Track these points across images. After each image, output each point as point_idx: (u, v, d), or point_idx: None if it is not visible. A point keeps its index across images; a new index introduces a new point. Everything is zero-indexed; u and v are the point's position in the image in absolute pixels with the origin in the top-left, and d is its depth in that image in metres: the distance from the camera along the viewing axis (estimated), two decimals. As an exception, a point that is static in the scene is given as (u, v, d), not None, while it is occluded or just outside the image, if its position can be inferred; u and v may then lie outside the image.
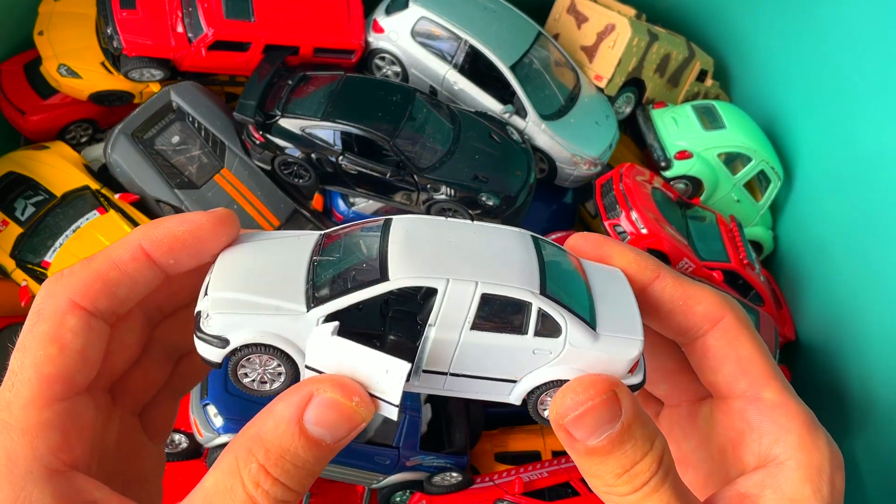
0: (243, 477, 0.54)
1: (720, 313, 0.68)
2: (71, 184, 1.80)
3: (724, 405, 0.69)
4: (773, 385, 0.66)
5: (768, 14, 2.19)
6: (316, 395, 0.56)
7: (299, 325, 0.61)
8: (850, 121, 1.93)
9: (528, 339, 0.63)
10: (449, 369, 0.64)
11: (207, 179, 1.86)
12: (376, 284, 0.61)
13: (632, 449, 0.58)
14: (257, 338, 0.61)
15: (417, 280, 0.61)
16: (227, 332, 0.61)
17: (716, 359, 0.68)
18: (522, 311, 0.63)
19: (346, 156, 1.78)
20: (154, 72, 1.87)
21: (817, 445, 0.63)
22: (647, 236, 1.90)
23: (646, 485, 0.58)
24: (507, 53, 1.96)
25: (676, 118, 2.18)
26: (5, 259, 1.73)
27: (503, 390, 0.66)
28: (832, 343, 1.97)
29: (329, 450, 0.57)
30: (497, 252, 0.65)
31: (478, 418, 1.88)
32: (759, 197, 2.21)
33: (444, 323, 0.62)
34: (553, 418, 0.60)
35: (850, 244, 1.91)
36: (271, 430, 0.55)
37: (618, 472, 0.59)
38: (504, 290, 0.62)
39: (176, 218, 0.63)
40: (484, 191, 1.79)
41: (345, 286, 0.62)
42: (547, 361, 0.64)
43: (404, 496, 1.79)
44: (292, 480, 0.56)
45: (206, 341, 0.62)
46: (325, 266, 0.64)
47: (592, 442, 0.58)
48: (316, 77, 1.87)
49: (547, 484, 1.73)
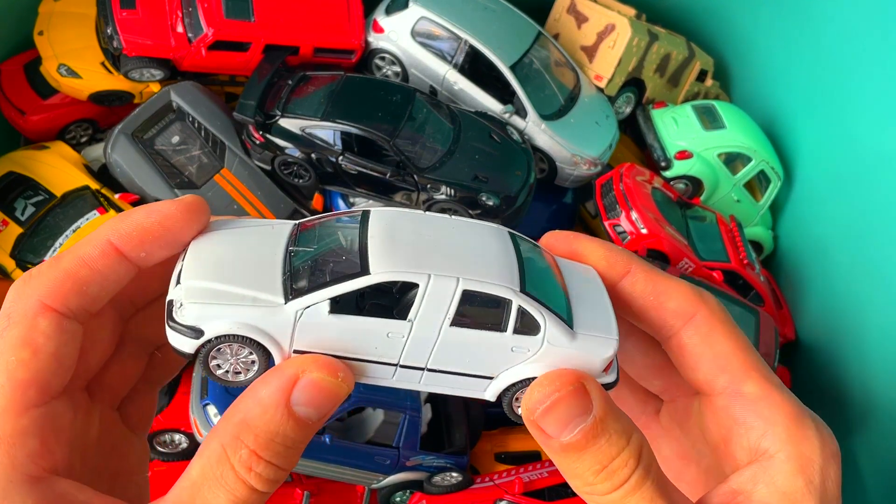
0: (233, 463, 0.54)
1: (692, 309, 0.66)
2: (71, 184, 1.80)
3: (710, 402, 0.68)
4: (753, 378, 0.65)
5: (768, 14, 2.19)
6: (302, 378, 0.56)
7: (277, 318, 0.60)
8: (850, 121, 1.93)
9: (507, 336, 0.63)
10: (427, 365, 0.64)
11: (207, 179, 1.86)
12: (357, 278, 0.60)
13: (607, 444, 0.58)
14: (233, 329, 0.60)
15: (399, 275, 0.60)
16: (201, 322, 0.60)
17: (693, 356, 0.67)
18: (502, 309, 0.62)
19: (346, 156, 1.78)
20: (154, 72, 1.87)
21: (806, 435, 0.62)
22: (647, 236, 1.90)
23: (626, 482, 0.58)
24: (507, 53, 1.96)
25: (676, 118, 2.18)
26: (5, 259, 1.73)
27: (479, 387, 0.65)
28: (832, 343, 1.97)
29: (315, 426, 0.58)
30: (477, 248, 0.65)
31: (478, 418, 1.88)
32: (759, 197, 2.21)
33: (424, 318, 0.61)
34: (525, 415, 0.60)
35: (851, 244, 1.91)
36: (259, 415, 0.55)
37: (596, 468, 0.58)
38: (485, 287, 0.61)
39: (143, 209, 0.62)
40: (484, 191, 1.79)
41: (324, 278, 0.61)
42: (524, 359, 0.63)
43: (404, 496, 1.79)
44: (282, 460, 0.56)
45: (179, 332, 0.60)
46: (301, 256, 0.64)
47: (566, 437, 0.58)
48: (316, 77, 1.87)
49: (547, 484, 1.73)
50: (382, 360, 0.63)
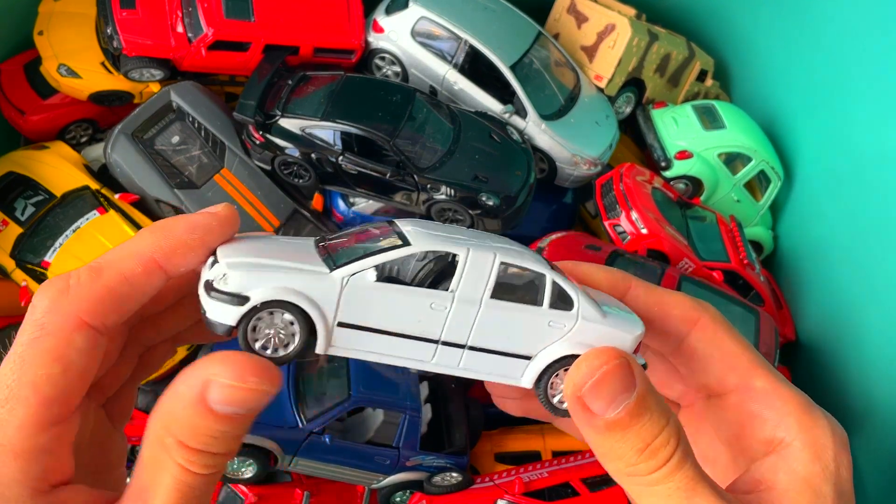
0: (168, 449, 0.55)
1: (696, 315, 0.70)
2: (71, 184, 1.80)
3: (722, 401, 0.71)
4: (761, 374, 0.68)
5: (768, 14, 2.19)
6: (211, 382, 0.54)
7: (323, 284, 0.60)
8: (850, 121, 1.93)
9: (544, 310, 0.65)
10: (468, 341, 0.64)
11: (207, 179, 1.86)
12: (399, 248, 0.62)
13: (649, 422, 0.59)
14: (279, 294, 0.59)
15: (439, 246, 0.63)
16: (246, 289, 0.59)
17: (702, 359, 0.70)
18: (536, 283, 0.65)
19: (346, 156, 1.78)
20: (154, 72, 1.87)
21: (818, 424, 0.66)
22: (647, 236, 1.90)
23: (668, 461, 0.59)
24: (507, 53, 1.96)
25: (676, 118, 2.18)
26: (5, 259, 1.73)
27: (516, 370, 0.66)
28: (832, 343, 1.97)
29: (245, 417, 0.56)
30: (502, 241, 0.68)
31: (478, 418, 1.88)
32: (759, 197, 2.21)
33: (466, 289, 0.63)
34: (570, 393, 0.61)
35: (850, 244, 1.91)
36: (180, 410, 0.55)
37: (639, 446, 0.59)
38: (521, 261, 0.64)
39: (183, 224, 0.61)
40: (484, 191, 1.79)
41: (366, 252, 0.63)
42: (560, 335, 0.65)
43: (404, 496, 1.79)
44: (214, 447, 0.55)
45: (222, 300, 0.59)
46: (337, 249, 0.65)
47: (611, 414, 0.59)
48: (316, 77, 1.87)
49: (547, 484, 1.73)
50: (424, 336, 0.64)
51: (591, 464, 1.78)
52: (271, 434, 1.61)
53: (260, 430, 1.61)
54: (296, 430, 1.63)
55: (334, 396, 1.68)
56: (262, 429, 1.61)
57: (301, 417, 1.64)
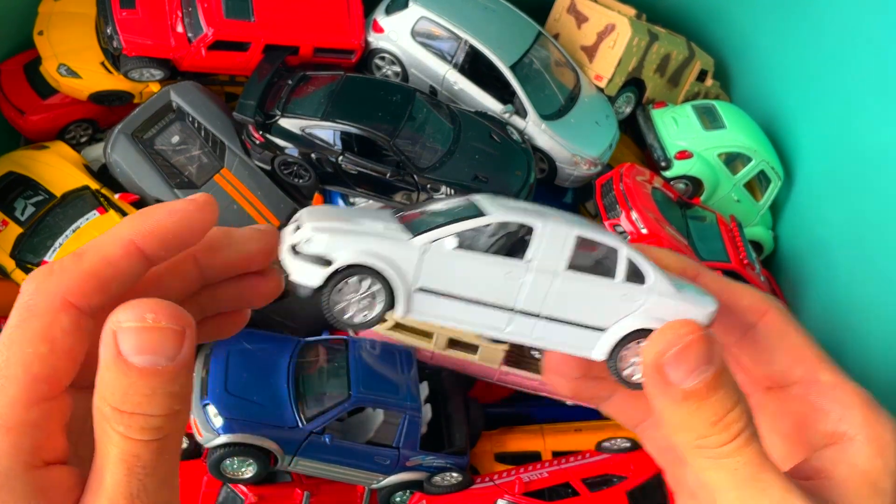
0: (107, 417, 0.54)
1: (764, 307, 0.71)
2: (71, 184, 1.80)
3: (784, 393, 0.71)
4: (828, 368, 0.70)
5: (768, 14, 2.19)
6: (118, 330, 0.53)
7: (405, 250, 0.62)
8: (849, 121, 1.93)
9: (618, 283, 0.66)
10: (542, 311, 0.65)
11: (207, 179, 1.86)
12: (478, 218, 0.64)
13: (725, 396, 0.60)
14: (363, 258, 0.61)
15: (516, 217, 0.64)
16: (331, 251, 0.61)
17: (768, 350, 0.71)
18: (611, 258, 0.66)
19: (345, 156, 1.78)
20: (154, 72, 1.87)
21: (881, 421, 0.66)
22: (647, 236, 1.90)
23: (739, 436, 0.60)
24: (507, 53, 1.96)
25: (676, 118, 2.18)
26: (5, 259, 1.73)
27: (589, 342, 0.67)
28: (832, 343, 1.95)
29: (173, 369, 0.54)
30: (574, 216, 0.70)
31: (478, 418, 1.88)
32: (759, 197, 2.21)
33: (542, 259, 0.64)
34: (651, 360, 0.61)
35: (851, 244, 1.91)
36: (102, 375, 0.54)
37: (712, 419, 0.59)
38: (596, 235, 0.65)
39: (162, 209, 0.62)
40: (484, 191, 1.79)
41: (446, 220, 0.64)
42: (635, 309, 0.66)
43: (404, 496, 1.79)
44: (149, 408, 0.54)
45: (307, 260, 0.61)
46: (416, 217, 0.67)
47: (689, 384, 0.59)
48: (316, 77, 1.87)
49: (547, 484, 1.73)
50: (500, 304, 0.65)
51: (591, 464, 1.79)
52: (271, 434, 1.61)
53: (260, 430, 1.61)
54: (296, 430, 1.63)
55: (334, 396, 1.68)
56: (262, 429, 1.61)
57: (301, 417, 1.64)
